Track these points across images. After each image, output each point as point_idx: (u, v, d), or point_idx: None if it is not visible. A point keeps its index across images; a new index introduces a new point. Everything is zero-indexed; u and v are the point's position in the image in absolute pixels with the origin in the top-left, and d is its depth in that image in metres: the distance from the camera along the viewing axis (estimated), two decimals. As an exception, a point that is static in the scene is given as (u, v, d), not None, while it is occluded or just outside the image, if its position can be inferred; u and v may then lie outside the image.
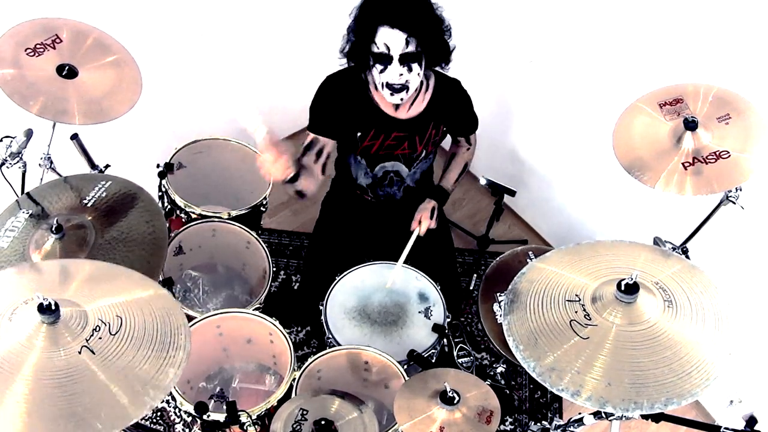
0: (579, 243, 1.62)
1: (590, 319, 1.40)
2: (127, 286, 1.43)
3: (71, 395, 1.21)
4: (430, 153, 2.20)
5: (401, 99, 1.92)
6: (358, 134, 2.08)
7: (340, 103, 2.03)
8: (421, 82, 2.01)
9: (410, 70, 1.85)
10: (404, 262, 2.14)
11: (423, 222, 2.12)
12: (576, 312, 1.42)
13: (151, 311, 1.37)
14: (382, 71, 1.87)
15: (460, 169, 2.26)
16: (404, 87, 1.89)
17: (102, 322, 1.31)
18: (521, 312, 1.46)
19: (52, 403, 1.20)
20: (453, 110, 2.11)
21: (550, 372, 1.35)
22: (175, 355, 1.31)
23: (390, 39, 1.80)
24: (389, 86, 1.89)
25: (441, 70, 2.07)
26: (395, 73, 1.85)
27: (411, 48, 1.82)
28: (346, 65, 1.99)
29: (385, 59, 1.84)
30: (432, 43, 1.86)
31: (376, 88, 1.98)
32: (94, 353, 1.26)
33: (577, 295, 1.45)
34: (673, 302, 1.41)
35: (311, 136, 2.05)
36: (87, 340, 1.27)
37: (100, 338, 1.28)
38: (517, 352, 1.40)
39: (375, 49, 1.84)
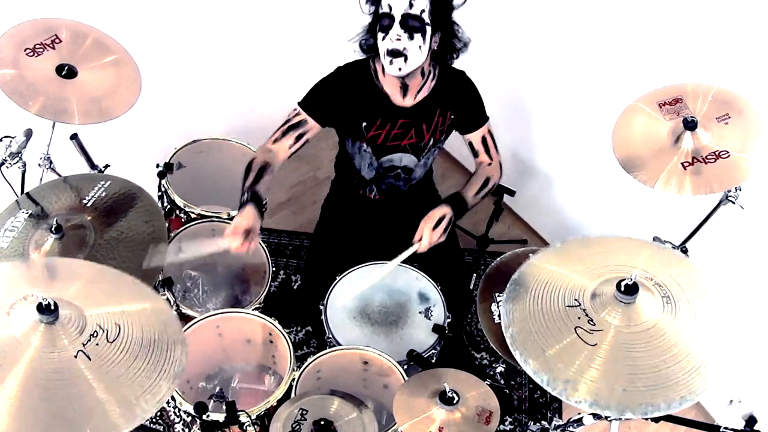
0: (571, 239, 1.61)
1: (594, 324, 1.39)
2: (128, 294, 1.42)
3: (62, 399, 1.20)
4: (438, 141, 2.15)
5: (399, 69, 1.87)
6: (364, 124, 2.06)
7: (347, 93, 2.02)
8: (429, 72, 2.02)
9: (411, 38, 1.83)
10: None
11: (425, 237, 1.94)
12: (579, 318, 1.40)
13: (150, 323, 1.35)
14: (383, 38, 1.85)
15: (481, 182, 2.09)
16: (402, 54, 1.85)
17: (100, 328, 1.30)
18: (522, 308, 1.46)
19: (42, 403, 1.19)
20: (458, 97, 2.09)
21: (550, 375, 1.35)
22: (170, 369, 1.29)
23: None
24: (389, 53, 1.86)
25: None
26: (394, 35, 1.83)
27: (415, 10, 1.81)
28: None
29: (388, 20, 1.83)
30: (439, 14, 1.84)
31: (383, 72, 1.97)
32: (90, 359, 1.25)
33: (576, 300, 1.44)
34: (672, 301, 1.41)
35: (300, 116, 2.02)
36: (84, 345, 1.26)
37: (97, 344, 1.27)
38: (515, 350, 1.40)
39: (380, 11, 1.84)
